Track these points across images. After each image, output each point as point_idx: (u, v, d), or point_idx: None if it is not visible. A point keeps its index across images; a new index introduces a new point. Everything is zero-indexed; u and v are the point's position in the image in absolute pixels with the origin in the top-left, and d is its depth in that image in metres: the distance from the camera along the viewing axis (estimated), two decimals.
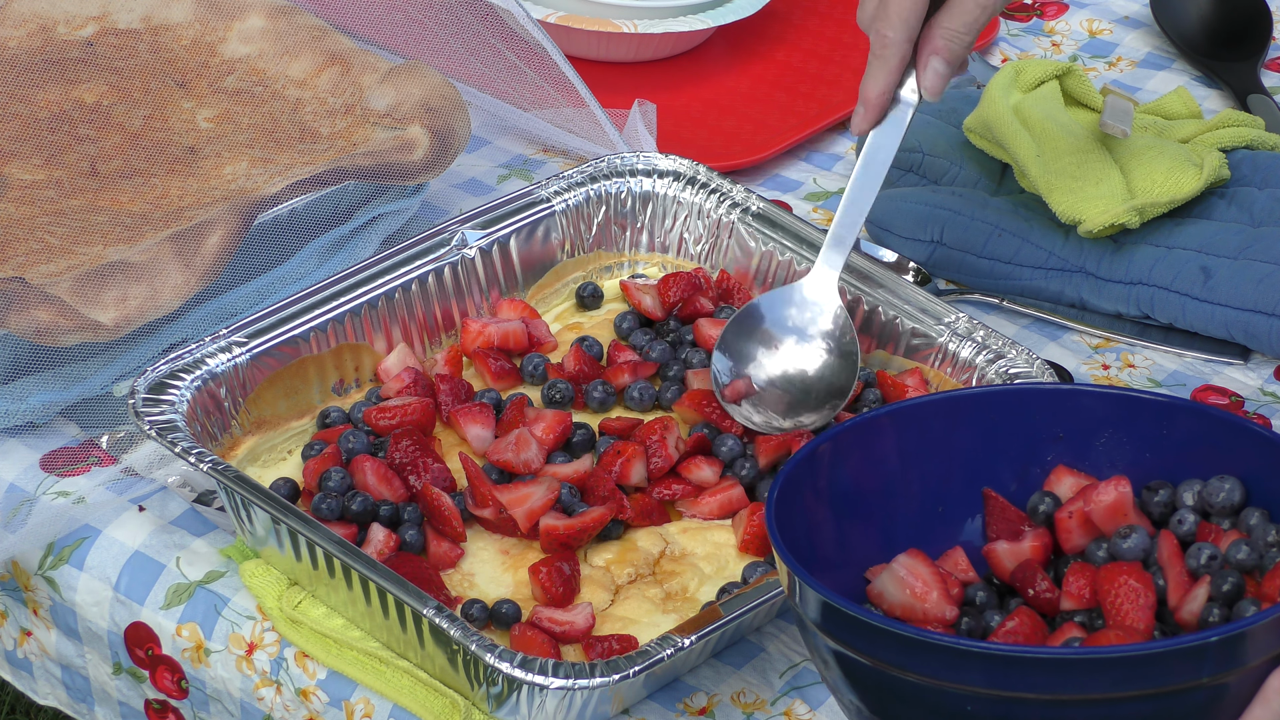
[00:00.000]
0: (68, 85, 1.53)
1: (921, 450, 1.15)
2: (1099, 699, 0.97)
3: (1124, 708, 0.98)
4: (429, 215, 1.56)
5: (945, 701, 0.99)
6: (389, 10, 1.65)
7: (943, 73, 1.30)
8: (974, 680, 0.98)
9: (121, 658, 1.29)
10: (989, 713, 0.99)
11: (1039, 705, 0.98)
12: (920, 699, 1.00)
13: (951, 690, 0.99)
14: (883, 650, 1.00)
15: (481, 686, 1.15)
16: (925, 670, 0.99)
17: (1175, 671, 0.97)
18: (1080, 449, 1.15)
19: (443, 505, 1.24)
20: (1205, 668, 0.97)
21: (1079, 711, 0.98)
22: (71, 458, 1.34)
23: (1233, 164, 1.53)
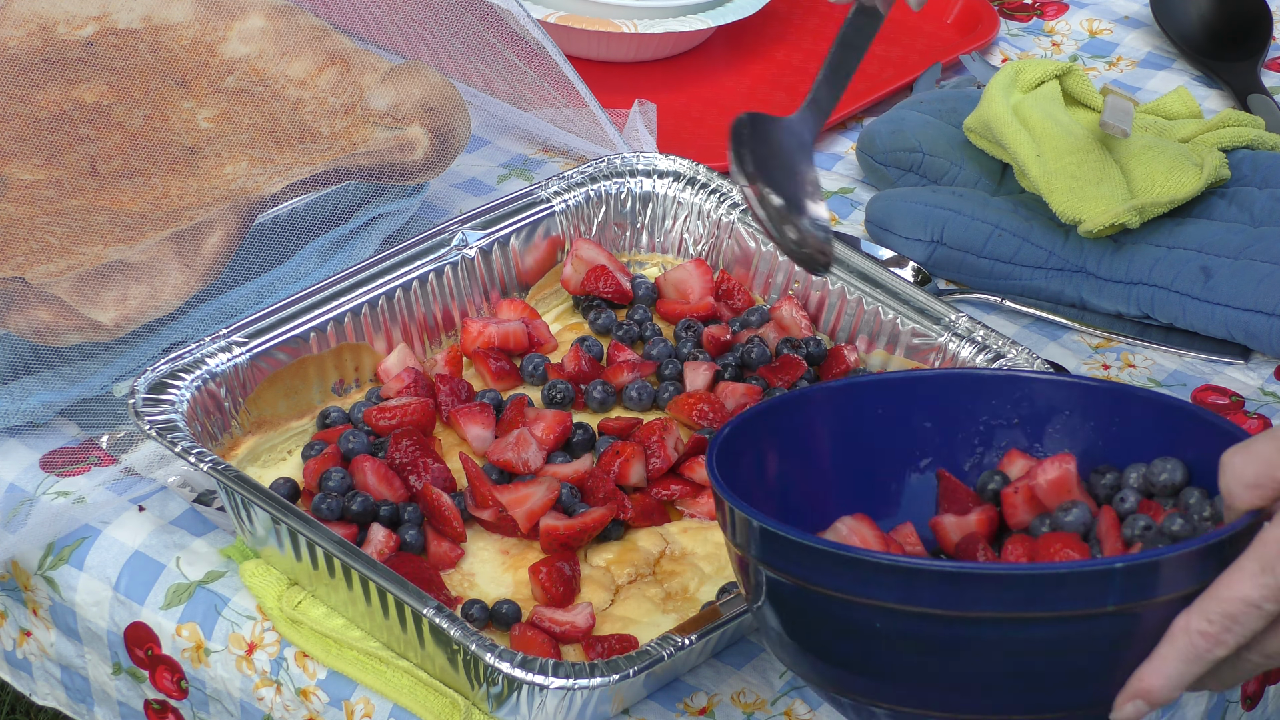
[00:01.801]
0: (68, 85, 1.53)
1: (877, 428, 1.17)
2: (1003, 618, 0.98)
3: (1029, 630, 0.98)
4: (429, 215, 1.56)
5: (855, 617, 1.00)
6: (389, 10, 1.65)
7: None
8: (881, 595, 0.99)
9: (121, 658, 1.29)
10: (897, 629, 1.00)
11: (943, 622, 0.99)
12: (832, 615, 1.01)
13: (860, 605, 1.00)
14: (796, 565, 1.01)
15: (482, 686, 1.15)
16: (836, 584, 1.00)
17: (1079, 596, 0.98)
18: (1035, 433, 1.17)
19: (443, 505, 1.24)
20: (1110, 595, 0.98)
21: (984, 631, 0.99)
22: (71, 458, 1.34)
23: (1233, 164, 1.53)
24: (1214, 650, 0.99)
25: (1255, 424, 1.41)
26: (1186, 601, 0.99)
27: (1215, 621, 0.99)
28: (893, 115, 1.62)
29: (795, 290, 1.42)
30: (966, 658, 1.00)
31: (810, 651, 1.05)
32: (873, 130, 1.61)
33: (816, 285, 1.41)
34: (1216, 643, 0.99)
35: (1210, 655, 0.99)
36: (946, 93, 1.65)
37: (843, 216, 1.59)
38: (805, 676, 1.07)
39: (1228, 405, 1.43)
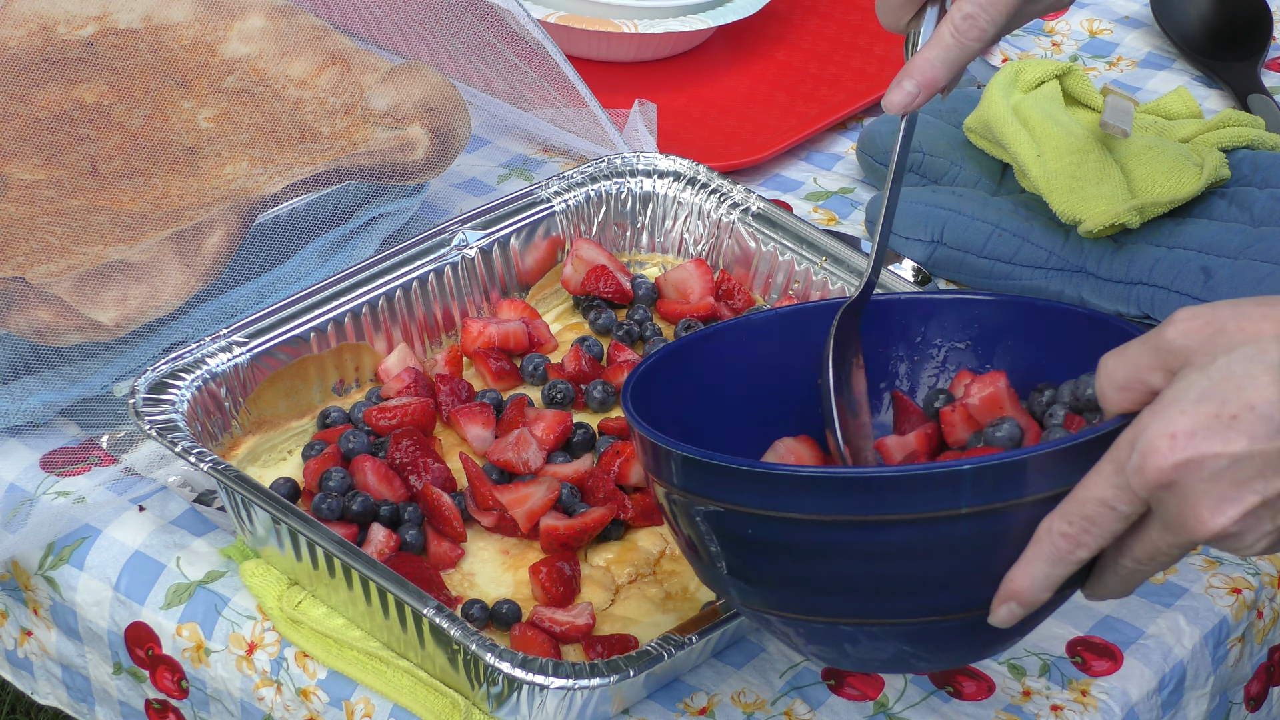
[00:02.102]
0: (68, 85, 1.53)
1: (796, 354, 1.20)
2: (861, 521, 1.00)
3: (889, 532, 1.00)
4: (429, 215, 1.56)
5: (729, 524, 1.03)
6: (389, 10, 1.65)
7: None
8: (748, 501, 1.02)
9: (122, 657, 1.29)
10: (766, 535, 1.02)
11: (807, 526, 1.01)
12: (711, 522, 1.04)
13: (731, 512, 1.03)
14: (676, 474, 1.04)
15: (482, 686, 1.15)
16: (709, 492, 1.03)
17: (932, 498, 0.99)
18: (985, 355, 1.19)
19: (443, 505, 1.24)
20: (963, 497, 0.99)
21: (846, 534, 1.01)
22: (71, 458, 1.34)
23: (1233, 164, 1.53)
24: (1075, 551, 1.00)
25: None
26: (1053, 503, 1.01)
27: (1074, 523, 1.00)
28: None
29: (795, 290, 1.42)
30: (833, 561, 1.02)
31: (706, 562, 1.07)
32: (873, 130, 1.61)
33: (816, 285, 1.41)
34: (1077, 544, 1.00)
35: (1073, 557, 1.01)
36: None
37: (843, 216, 1.60)
38: (710, 587, 1.10)
39: None
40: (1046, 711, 1.20)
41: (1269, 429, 0.97)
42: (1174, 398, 0.98)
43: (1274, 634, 1.31)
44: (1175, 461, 0.97)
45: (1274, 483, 0.97)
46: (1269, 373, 0.97)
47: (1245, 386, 0.97)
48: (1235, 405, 0.97)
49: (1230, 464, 0.97)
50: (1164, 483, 0.98)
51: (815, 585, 1.03)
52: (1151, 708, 1.22)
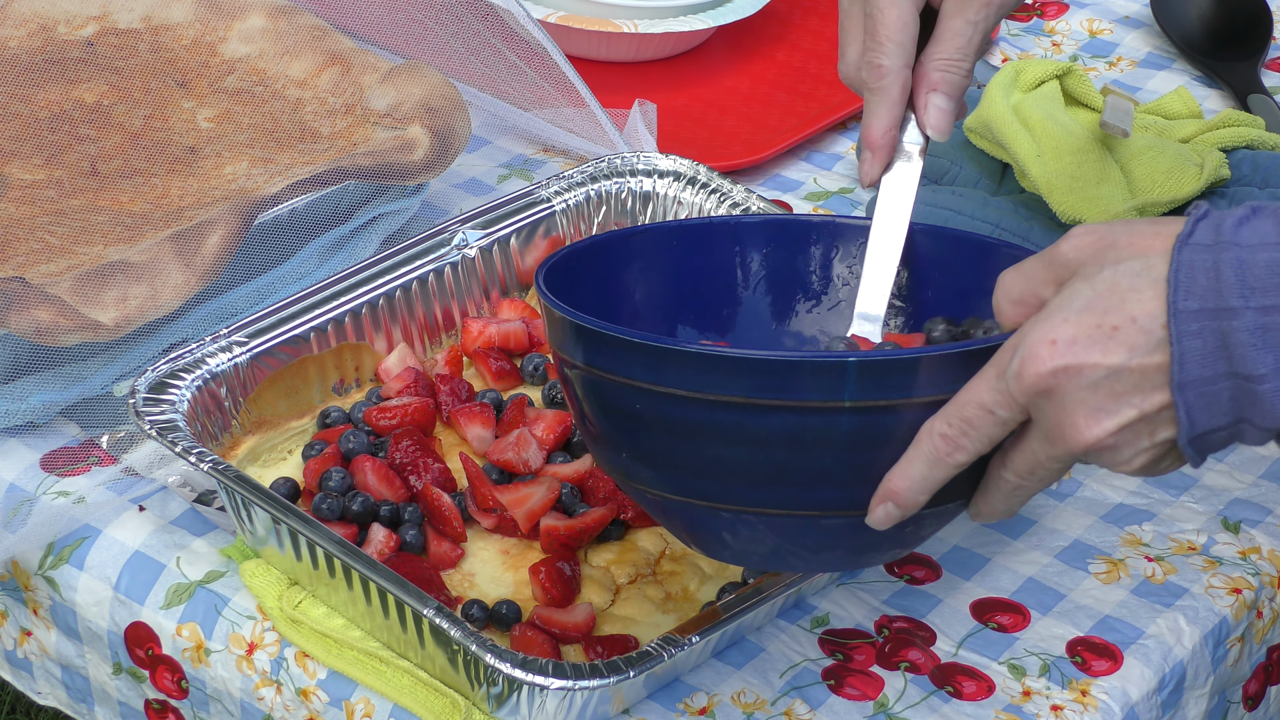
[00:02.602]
0: (68, 85, 1.53)
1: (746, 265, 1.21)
2: (743, 403, 1.01)
3: (771, 417, 1.01)
4: (429, 215, 1.56)
5: (617, 397, 1.05)
6: (389, 10, 1.65)
7: (946, 108, 1.19)
8: (636, 374, 1.03)
9: (121, 658, 1.29)
10: (652, 410, 1.03)
11: (690, 404, 1.02)
12: (598, 394, 1.06)
13: (618, 384, 1.04)
14: (575, 345, 1.06)
15: (482, 687, 1.15)
16: (603, 364, 1.04)
17: (814, 387, 1.00)
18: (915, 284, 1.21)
19: (443, 505, 1.24)
20: (845, 389, 0.99)
21: (729, 415, 1.01)
22: (71, 458, 1.34)
23: (1233, 164, 1.53)
24: (954, 454, 1.01)
25: None
26: (937, 408, 1.01)
27: (954, 425, 1.00)
28: None
29: None
30: (717, 443, 1.02)
31: (600, 440, 1.09)
32: None
33: None
34: (956, 447, 1.01)
35: (951, 459, 1.01)
36: None
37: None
38: (604, 468, 1.12)
39: None
40: (1046, 711, 1.20)
41: (1149, 342, 0.97)
42: (1058, 306, 0.98)
43: (1273, 634, 1.32)
44: (1054, 367, 0.97)
45: (1151, 398, 0.97)
46: (1154, 287, 0.97)
47: (1128, 299, 0.97)
48: (1117, 316, 0.97)
49: (1108, 375, 0.97)
50: (1042, 389, 0.98)
51: (696, 466, 1.04)
52: (1151, 708, 1.22)
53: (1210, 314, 0.96)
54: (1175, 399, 0.97)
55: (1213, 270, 0.96)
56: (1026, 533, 1.31)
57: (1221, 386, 0.97)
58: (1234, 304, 0.96)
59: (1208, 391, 0.97)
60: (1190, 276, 0.96)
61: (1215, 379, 0.97)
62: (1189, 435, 0.98)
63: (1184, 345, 0.96)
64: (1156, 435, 0.99)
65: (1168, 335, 0.96)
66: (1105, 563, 1.29)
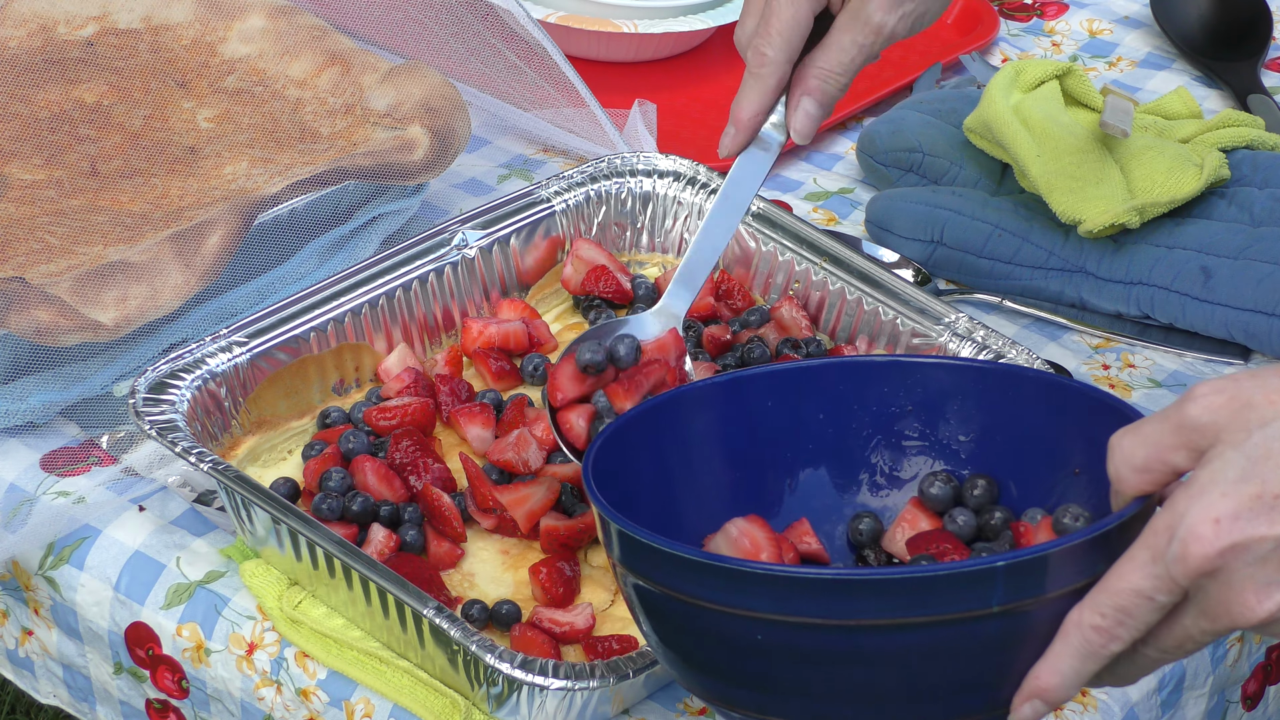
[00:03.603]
0: (68, 85, 1.53)
1: (767, 421, 1.14)
2: (886, 625, 0.95)
3: (915, 635, 0.95)
4: (429, 215, 1.56)
5: (737, 629, 0.97)
6: (389, 10, 1.65)
7: (814, 114, 1.22)
8: (760, 605, 0.95)
9: (122, 657, 1.29)
10: (779, 640, 0.96)
11: (826, 631, 0.96)
12: (713, 629, 0.98)
13: (740, 616, 0.96)
14: (673, 576, 0.98)
15: (482, 687, 1.15)
16: (713, 596, 0.96)
17: (963, 598, 0.94)
18: (931, 420, 1.15)
19: (443, 505, 1.24)
20: (995, 595, 0.95)
21: (868, 639, 0.95)
22: (71, 458, 1.34)
23: (1233, 164, 1.53)
24: (1109, 645, 0.96)
25: None
26: (1079, 595, 0.96)
27: (1108, 615, 0.95)
28: (893, 115, 1.62)
29: (795, 290, 1.42)
30: (850, 666, 0.97)
31: (693, 665, 1.02)
32: (873, 130, 1.61)
33: (816, 286, 1.41)
34: (1111, 637, 0.96)
35: (1105, 650, 0.96)
36: (946, 93, 1.65)
37: (843, 216, 1.60)
38: (692, 690, 1.04)
39: None
40: None
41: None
42: (1211, 479, 0.93)
43: None
44: (1221, 547, 0.93)
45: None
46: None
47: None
48: (1278, 483, 0.92)
49: (1277, 546, 0.93)
50: (1208, 570, 0.93)
51: (825, 691, 0.98)
52: (1151, 708, 1.22)
53: None
54: None
55: None
56: None
57: None
58: None
59: None
60: None
61: None
62: None
63: None
64: None
65: None
66: None
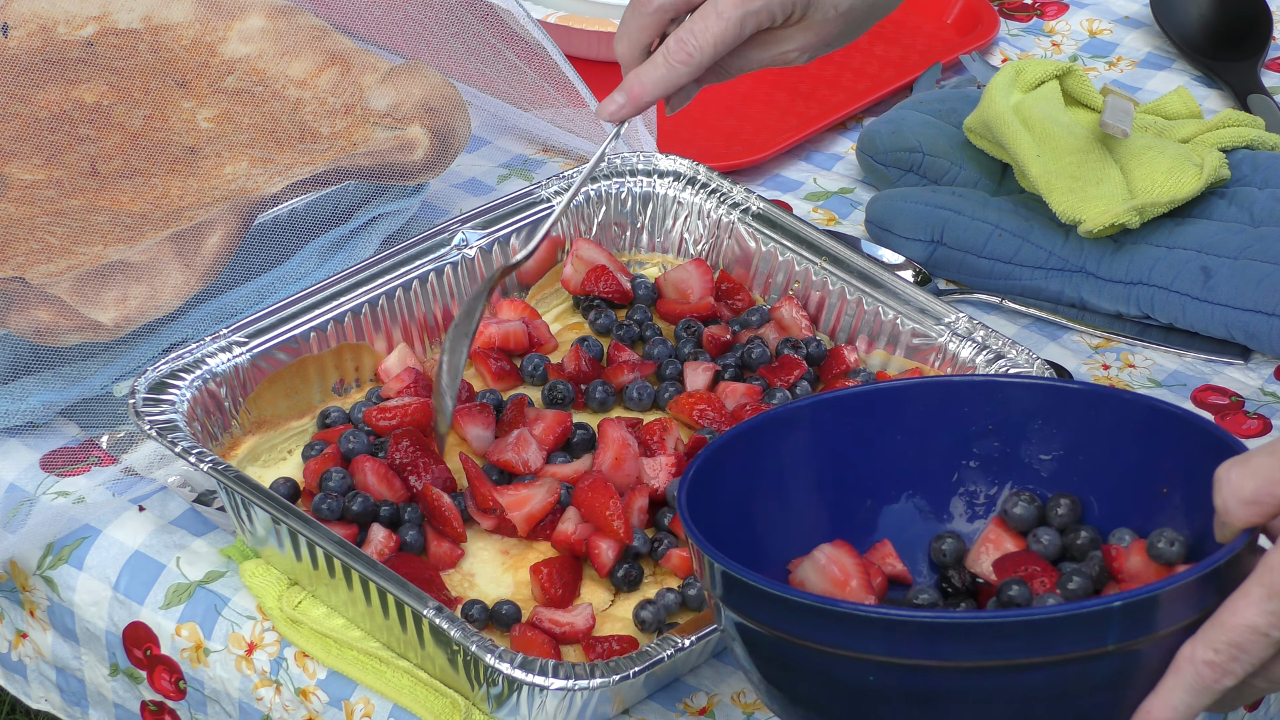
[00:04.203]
0: (68, 85, 1.53)
1: (849, 443, 1.14)
2: (1002, 666, 0.95)
3: (1031, 675, 0.96)
4: (429, 215, 1.56)
5: (848, 672, 0.98)
6: (389, 10, 1.65)
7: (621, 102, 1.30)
8: (873, 648, 0.96)
9: (119, 658, 1.28)
10: (892, 682, 0.97)
11: (940, 673, 0.96)
12: (823, 670, 0.99)
13: (852, 659, 0.97)
14: (783, 620, 0.98)
15: (482, 687, 1.15)
16: (825, 639, 0.97)
17: (1080, 638, 0.95)
18: (1012, 439, 1.14)
19: (443, 506, 1.24)
20: (1110, 635, 0.95)
21: (984, 680, 0.96)
22: (71, 458, 1.34)
23: (1233, 164, 1.53)
24: (1222, 680, 0.96)
25: (1255, 424, 1.41)
26: (1190, 631, 0.97)
27: (1222, 651, 0.95)
28: (893, 115, 1.62)
29: (795, 290, 1.42)
30: (965, 706, 0.97)
31: (799, 703, 1.02)
32: (873, 130, 1.61)
33: (817, 286, 1.41)
34: (1224, 673, 0.96)
35: (1218, 686, 0.96)
36: (946, 93, 1.65)
37: (843, 216, 1.60)
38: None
39: (1228, 405, 1.43)
40: None
41: None
42: None
43: None
44: None
45: None
46: None
47: None
48: None
49: None
50: None
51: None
52: None
53: None
54: None
55: None
56: None
57: None
58: None
59: None
60: None
61: None
62: None
63: None
64: None
65: None
66: None
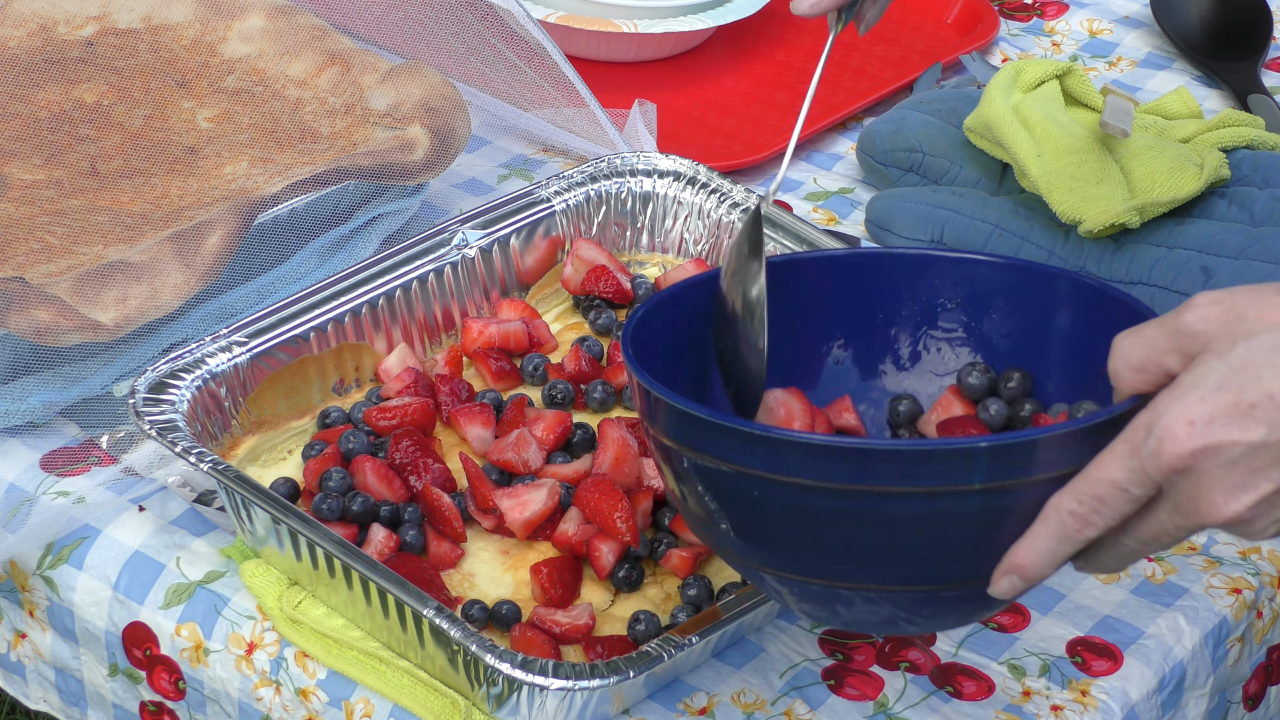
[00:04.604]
0: (68, 85, 1.53)
1: (821, 303, 1.20)
2: (873, 491, 1.01)
3: (902, 504, 1.01)
4: (429, 215, 1.56)
5: (736, 485, 1.04)
6: (389, 10, 1.65)
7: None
8: (758, 464, 1.02)
9: (119, 658, 1.28)
10: (775, 498, 1.03)
11: (816, 493, 1.02)
12: (715, 482, 1.05)
13: (738, 473, 1.03)
14: (680, 430, 1.05)
15: (482, 687, 1.15)
16: (717, 452, 1.04)
17: (946, 473, 1.00)
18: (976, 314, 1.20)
19: (443, 506, 1.24)
20: (977, 474, 1.00)
21: (856, 503, 1.02)
22: (71, 458, 1.34)
23: (1233, 164, 1.53)
24: (1083, 531, 1.01)
25: None
26: (1062, 483, 1.02)
27: (1084, 502, 1.01)
28: (893, 115, 1.62)
29: None
30: (840, 528, 1.03)
31: (703, 518, 1.08)
32: (873, 130, 1.61)
33: None
34: (1085, 523, 1.01)
35: (1080, 535, 1.01)
36: (946, 93, 1.65)
37: (843, 216, 1.59)
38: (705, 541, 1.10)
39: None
40: (1046, 711, 1.20)
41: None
42: (1192, 384, 0.98)
43: (1273, 634, 1.32)
44: (1192, 448, 0.97)
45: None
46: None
47: (1265, 375, 0.97)
48: (1254, 393, 0.97)
49: (1247, 452, 0.97)
50: (1179, 468, 0.98)
51: (820, 550, 1.04)
52: (1151, 708, 1.22)
53: None
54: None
55: None
56: None
57: None
58: None
59: None
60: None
61: None
62: None
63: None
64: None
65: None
66: None
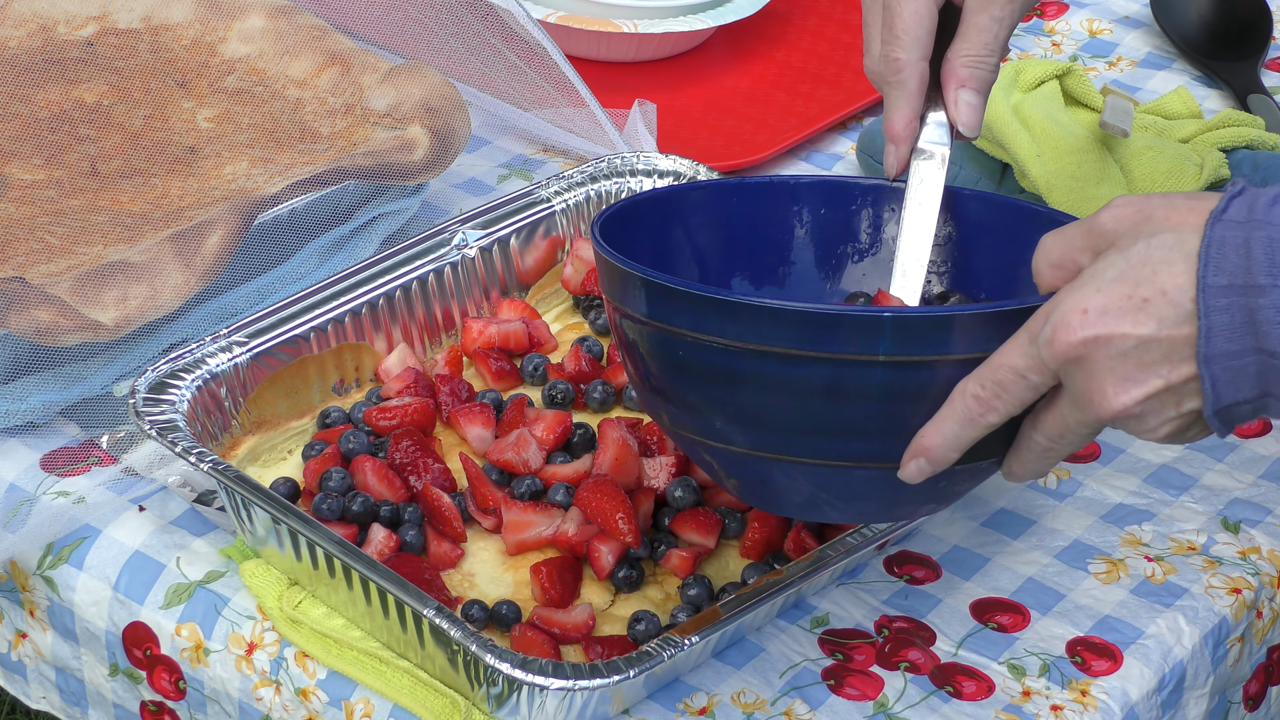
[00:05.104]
0: (68, 85, 1.53)
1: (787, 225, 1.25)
2: (782, 353, 1.04)
3: (807, 369, 1.04)
4: (429, 215, 1.56)
5: (661, 344, 1.09)
6: (389, 10, 1.65)
7: (974, 103, 1.21)
8: (680, 322, 1.07)
9: (119, 658, 1.28)
10: (694, 358, 1.07)
11: (731, 353, 1.05)
12: (644, 341, 1.10)
13: (663, 331, 1.08)
14: (623, 292, 1.10)
15: (482, 687, 1.15)
16: (644, 310, 1.08)
17: (851, 340, 1.03)
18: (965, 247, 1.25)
19: (443, 506, 1.24)
20: (881, 345, 1.03)
21: (767, 365, 1.05)
22: (71, 458, 1.34)
23: (1233, 164, 1.53)
24: (986, 415, 1.04)
25: (1255, 425, 1.41)
26: (971, 366, 1.04)
27: (987, 387, 1.03)
28: None
29: None
30: (756, 392, 1.06)
31: (644, 384, 1.12)
32: (873, 130, 1.61)
33: None
34: (987, 408, 1.04)
35: (983, 420, 1.04)
36: None
37: None
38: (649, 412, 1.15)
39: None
40: (1046, 711, 1.20)
41: (1178, 315, 0.99)
42: (1091, 275, 1.01)
43: (1273, 634, 1.32)
44: (1084, 337, 1.00)
45: (1179, 369, 1.00)
46: (1185, 261, 0.99)
47: (1160, 272, 0.99)
48: (1148, 289, 0.99)
49: (1138, 345, 0.99)
50: (1072, 356, 1.00)
51: (735, 414, 1.07)
52: (1151, 708, 1.22)
53: (1239, 290, 0.98)
54: (1201, 371, 0.99)
55: (1243, 247, 0.98)
56: (1026, 533, 1.31)
57: (1248, 361, 0.99)
58: (1262, 281, 0.98)
59: (1234, 365, 0.99)
60: (1221, 253, 0.98)
61: (1241, 354, 0.99)
62: (1214, 407, 1.01)
63: (1211, 320, 0.98)
64: (1183, 406, 1.01)
65: (1196, 309, 0.99)
66: (1105, 563, 1.29)
